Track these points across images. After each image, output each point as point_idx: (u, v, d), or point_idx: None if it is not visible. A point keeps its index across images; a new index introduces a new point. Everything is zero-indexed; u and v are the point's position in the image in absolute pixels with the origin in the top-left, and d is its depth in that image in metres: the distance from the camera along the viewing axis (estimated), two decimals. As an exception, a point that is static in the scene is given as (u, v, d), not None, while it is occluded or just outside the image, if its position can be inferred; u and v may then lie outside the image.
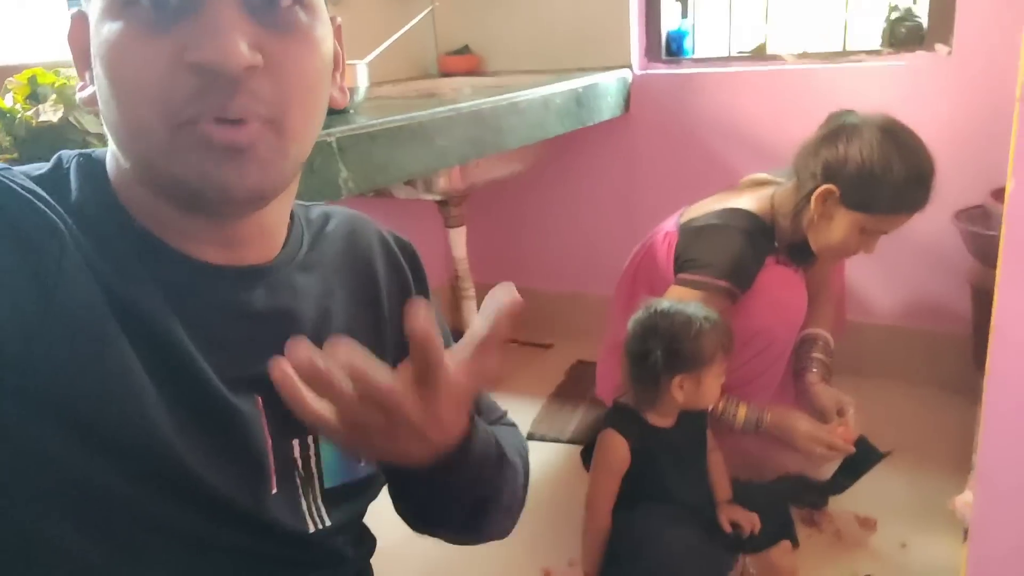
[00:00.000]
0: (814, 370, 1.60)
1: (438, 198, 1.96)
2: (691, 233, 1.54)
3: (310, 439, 0.62)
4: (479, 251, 2.33)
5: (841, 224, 1.43)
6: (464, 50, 2.40)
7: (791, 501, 1.51)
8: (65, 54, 0.59)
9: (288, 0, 0.51)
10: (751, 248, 1.47)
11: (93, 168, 0.56)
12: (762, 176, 1.67)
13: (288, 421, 0.57)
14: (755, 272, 1.48)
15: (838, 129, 1.45)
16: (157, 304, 0.53)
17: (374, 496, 0.70)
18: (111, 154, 0.56)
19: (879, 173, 1.37)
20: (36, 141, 0.90)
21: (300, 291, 0.62)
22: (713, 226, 1.51)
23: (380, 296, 0.69)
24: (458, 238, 2.08)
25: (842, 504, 1.56)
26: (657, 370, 1.30)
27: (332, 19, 0.58)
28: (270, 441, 0.58)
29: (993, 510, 0.79)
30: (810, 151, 1.48)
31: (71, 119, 0.86)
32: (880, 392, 1.96)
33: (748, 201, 1.55)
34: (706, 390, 1.32)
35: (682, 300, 1.38)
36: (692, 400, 1.32)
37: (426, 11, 2.01)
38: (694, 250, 1.50)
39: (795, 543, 1.39)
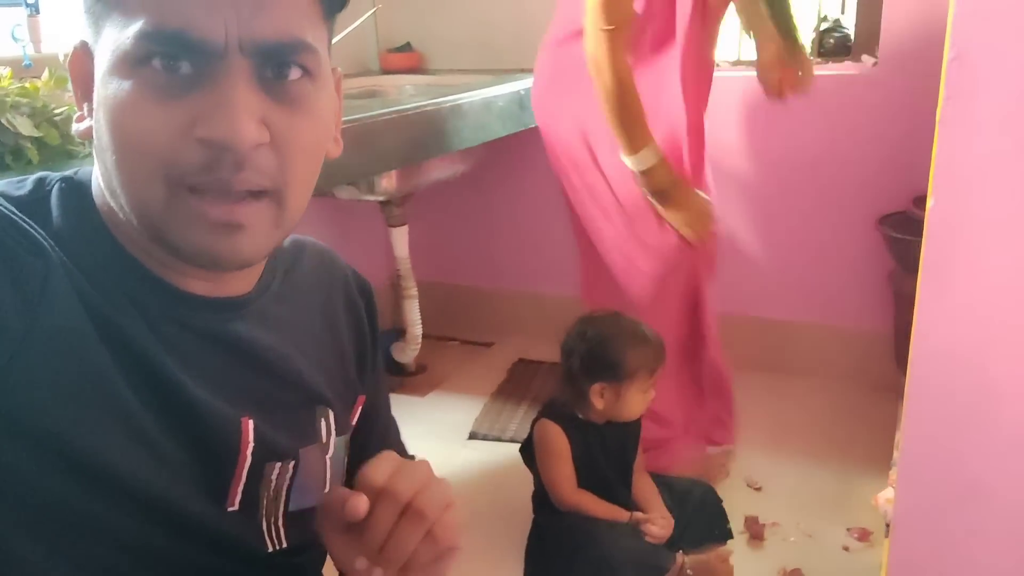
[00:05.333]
0: None
1: (380, 199, 1.95)
2: None
3: (291, 464, 0.63)
4: (421, 250, 2.32)
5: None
6: (406, 47, 2.38)
7: None
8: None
9: (297, 73, 0.52)
10: None
11: (78, 193, 0.55)
12: None
13: (272, 444, 0.60)
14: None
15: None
16: (142, 330, 0.53)
17: None
18: (98, 182, 0.55)
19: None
20: (-35, 143, 0.87)
21: (274, 321, 0.63)
22: None
23: (339, 326, 0.71)
24: (400, 237, 2.08)
25: (783, 510, 1.60)
26: (576, 372, 1.33)
27: (333, 70, 0.58)
28: (248, 461, 0.59)
29: (915, 510, 0.84)
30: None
31: (3, 121, 0.83)
32: (805, 389, 2.03)
33: None
34: (627, 403, 1.34)
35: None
36: (612, 410, 1.35)
37: (369, 13, 1.99)
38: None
39: (729, 537, 1.42)
